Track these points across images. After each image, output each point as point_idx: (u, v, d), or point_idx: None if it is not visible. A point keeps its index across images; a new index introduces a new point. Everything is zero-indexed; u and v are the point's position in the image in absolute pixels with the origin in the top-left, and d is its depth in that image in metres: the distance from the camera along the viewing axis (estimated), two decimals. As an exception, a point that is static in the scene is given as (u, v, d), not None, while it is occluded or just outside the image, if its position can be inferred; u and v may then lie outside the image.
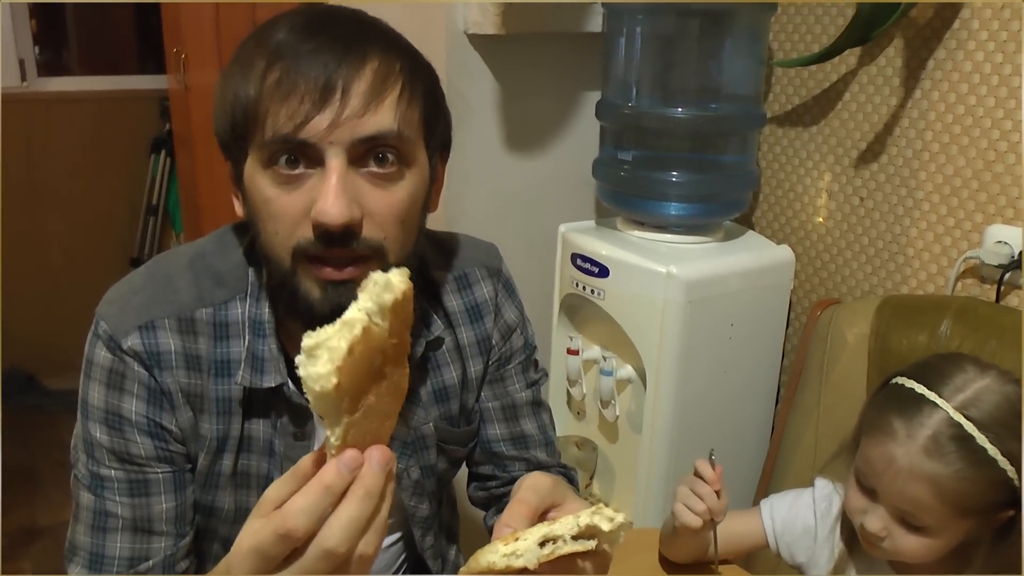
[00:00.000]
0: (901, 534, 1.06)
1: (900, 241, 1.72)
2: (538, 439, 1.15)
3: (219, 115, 0.89)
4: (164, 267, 0.99)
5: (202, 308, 0.95)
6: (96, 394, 0.94)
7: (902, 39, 1.65)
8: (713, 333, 1.69)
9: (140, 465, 0.95)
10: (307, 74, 0.81)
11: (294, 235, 0.84)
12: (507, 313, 1.12)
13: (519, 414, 1.14)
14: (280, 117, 0.82)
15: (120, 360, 0.93)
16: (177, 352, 0.94)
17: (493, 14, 1.72)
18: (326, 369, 0.60)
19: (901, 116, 1.68)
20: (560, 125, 1.98)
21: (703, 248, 1.75)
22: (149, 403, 0.94)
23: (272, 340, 0.96)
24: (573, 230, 1.82)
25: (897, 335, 1.57)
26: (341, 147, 0.82)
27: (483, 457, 1.15)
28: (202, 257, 0.99)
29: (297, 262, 0.86)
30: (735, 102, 1.73)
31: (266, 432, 0.98)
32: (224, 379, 0.95)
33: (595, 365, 1.84)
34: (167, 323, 0.93)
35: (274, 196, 0.85)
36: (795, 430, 1.70)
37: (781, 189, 1.93)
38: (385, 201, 0.85)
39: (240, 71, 0.86)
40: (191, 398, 0.95)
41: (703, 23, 1.66)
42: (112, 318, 0.94)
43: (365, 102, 0.82)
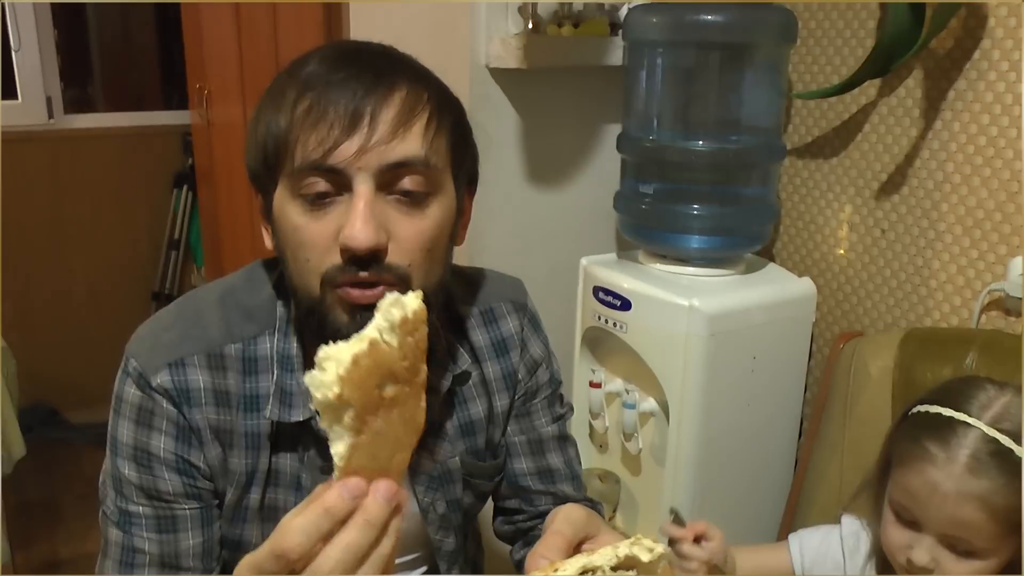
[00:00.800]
0: (951, 562, 1.03)
1: (923, 273, 1.71)
2: (564, 473, 1.15)
3: (251, 148, 0.91)
4: (194, 303, 1.00)
5: (231, 343, 0.96)
6: (125, 431, 0.94)
7: (921, 70, 1.65)
8: (736, 366, 1.68)
9: (168, 502, 0.95)
10: (336, 102, 0.83)
11: (324, 262, 0.85)
12: (533, 348, 1.12)
13: (545, 448, 1.14)
14: (310, 144, 0.83)
15: (149, 397, 0.93)
16: (206, 388, 0.94)
17: (515, 48, 1.74)
18: (330, 377, 0.61)
19: (922, 147, 1.68)
20: (581, 158, 1.99)
21: (725, 281, 1.74)
22: (178, 440, 0.94)
23: (300, 374, 0.96)
24: (595, 263, 1.82)
25: (922, 368, 1.56)
26: (369, 173, 0.83)
27: (509, 491, 1.15)
28: (232, 293, 1.00)
29: (326, 289, 0.86)
30: (756, 134, 1.74)
31: (293, 466, 0.99)
32: (253, 414, 0.96)
33: (617, 398, 1.83)
34: (196, 360, 0.94)
35: (303, 224, 0.86)
36: (819, 464, 1.69)
37: (802, 221, 1.93)
38: (412, 228, 0.86)
39: (271, 103, 0.88)
40: (220, 434, 0.95)
41: (723, 56, 1.67)
42: (142, 356, 0.94)
43: (393, 128, 0.84)
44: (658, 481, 1.76)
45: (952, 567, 1.03)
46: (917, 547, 1.05)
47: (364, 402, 0.62)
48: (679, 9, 1.65)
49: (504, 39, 1.76)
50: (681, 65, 1.71)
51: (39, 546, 2.81)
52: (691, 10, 1.63)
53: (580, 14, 1.83)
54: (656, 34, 1.69)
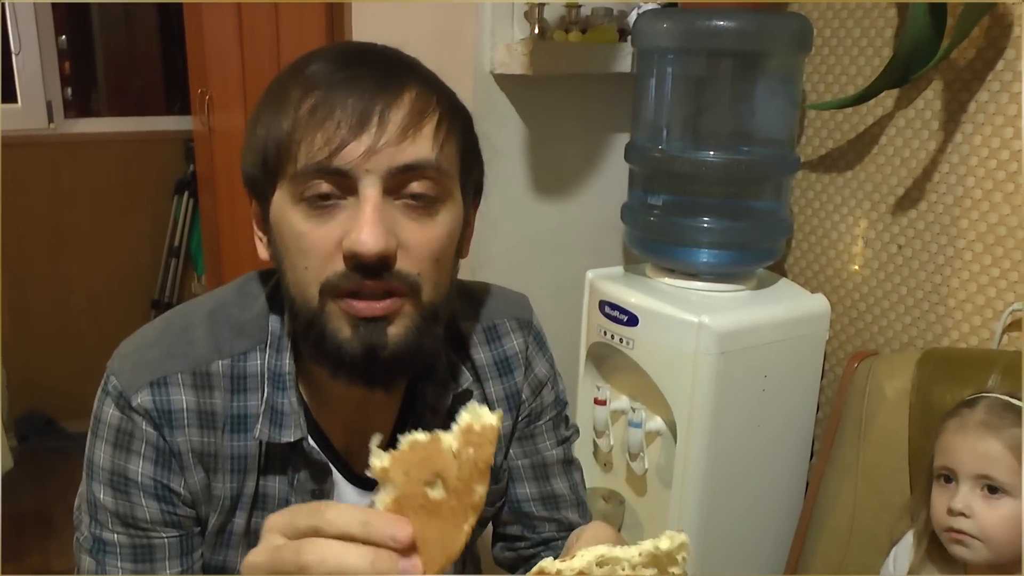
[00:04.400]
0: (983, 508, 1.19)
1: (941, 291, 1.65)
2: (569, 499, 1.10)
3: (249, 152, 0.85)
4: (181, 318, 0.94)
5: (219, 360, 0.90)
6: (102, 454, 0.89)
7: (941, 81, 1.60)
8: (746, 385, 1.63)
9: (145, 530, 0.89)
10: (343, 101, 0.78)
11: (325, 269, 0.80)
12: (538, 367, 1.07)
13: (550, 473, 1.08)
14: (315, 144, 0.78)
15: (129, 419, 0.88)
16: (190, 410, 0.88)
17: (520, 54, 1.69)
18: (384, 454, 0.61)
19: (941, 161, 1.63)
20: (587, 168, 1.94)
21: (735, 297, 1.69)
22: (157, 464, 0.89)
23: (292, 392, 0.91)
24: (601, 277, 1.77)
25: (940, 390, 1.51)
26: (377, 175, 0.78)
27: (511, 517, 1.10)
28: (222, 307, 0.94)
29: (326, 298, 0.81)
30: (769, 146, 1.69)
31: (282, 489, 0.93)
32: (240, 435, 0.90)
33: (623, 416, 1.78)
34: (181, 378, 0.88)
35: (306, 230, 0.80)
36: (832, 487, 1.63)
37: (815, 236, 1.87)
38: (422, 234, 0.81)
39: (272, 104, 0.82)
40: (203, 458, 0.90)
41: (736, 64, 1.62)
42: (123, 374, 0.89)
43: (403, 130, 0.78)
44: (664, 502, 1.70)
45: (985, 511, 1.19)
46: (955, 498, 1.21)
47: (405, 490, 0.61)
48: (690, 15, 1.61)
49: (510, 45, 1.71)
50: (692, 73, 1.66)
51: (31, 557, 2.76)
52: (703, 16, 1.58)
53: (587, 20, 1.79)
54: (666, 41, 1.64)
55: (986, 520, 1.19)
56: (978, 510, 1.19)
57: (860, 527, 1.59)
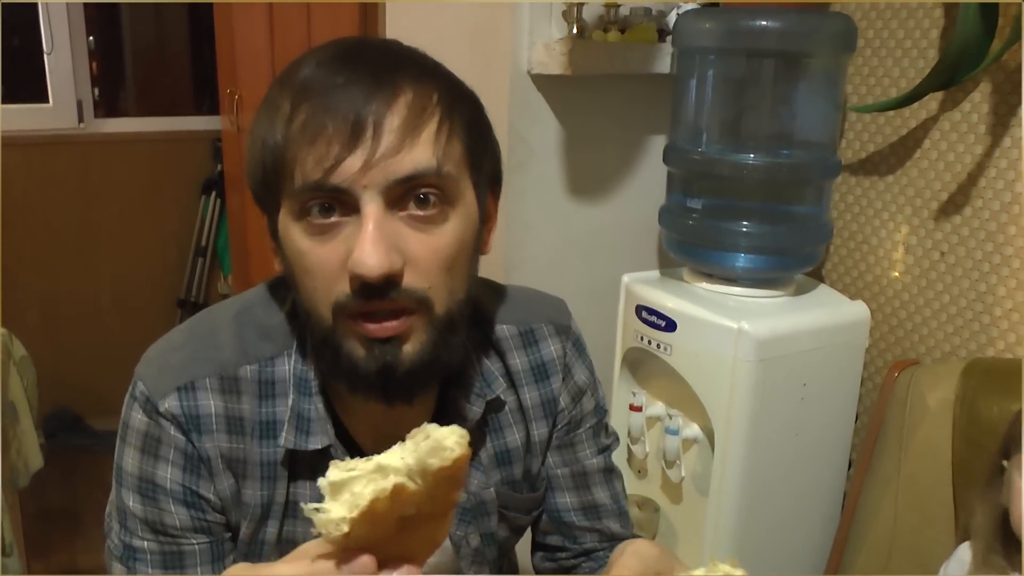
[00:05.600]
0: None
1: (986, 300, 1.61)
2: (611, 509, 1.07)
3: (250, 165, 0.82)
4: (208, 322, 0.92)
5: (246, 365, 0.88)
6: (130, 460, 0.87)
7: (990, 83, 1.56)
8: (785, 393, 1.59)
9: (175, 537, 0.88)
10: (335, 113, 0.74)
11: (333, 290, 0.78)
12: (577, 374, 1.04)
13: (590, 482, 1.06)
14: (308, 163, 0.75)
15: (156, 424, 0.86)
16: (218, 415, 0.87)
17: (559, 54, 1.66)
18: (339, 515, 0.55)
19: (988, 166, 1.59)
20: (624, 170, 1.91)
21: (774, 303, 1.66)
22: (186, 470, 0.87)
23: (318, 399, 0.89)
24: (637, 281, 1.74)
25: (986, 402, 1.47)
26: (376, 190, 0.75)
27: (551, 527, 1.07)
28: (248, 310, 0.92)
29: (338, 319, 0.79)
30: (810, 149, 1.65)
31: (313, 496, 0.91)
32: (268, 441, 0.89)
33: (658, 422, 1.75)
34: (208, 383, 0.87)
35: (308, 249, 0.78)
36: (872, 499, 1.59)
37: (854, 241, 1.84)
38: (428, 246, 0.78)
39: (266, 115, 0.79)
40: (233, 463, 0.88)
41: (778, 65, 1.59)
42: (150, 378, 0.87)
43: (399, 138, 0.75)
44: (700, 511, 1.67)
45: None
46: None
47: (376, 538, 0.56)
48: (732, 15, 1.57)
49: (548, 44, 1.69)
50: (734, 74, 1.63)
51: (58, 555, 2.76)
52: (745, 16, 1.55)
53: (626, 19, 1.76)
54: (708, 41, 1.61)
55: None
56: None
57: (901, 541, 1.56)
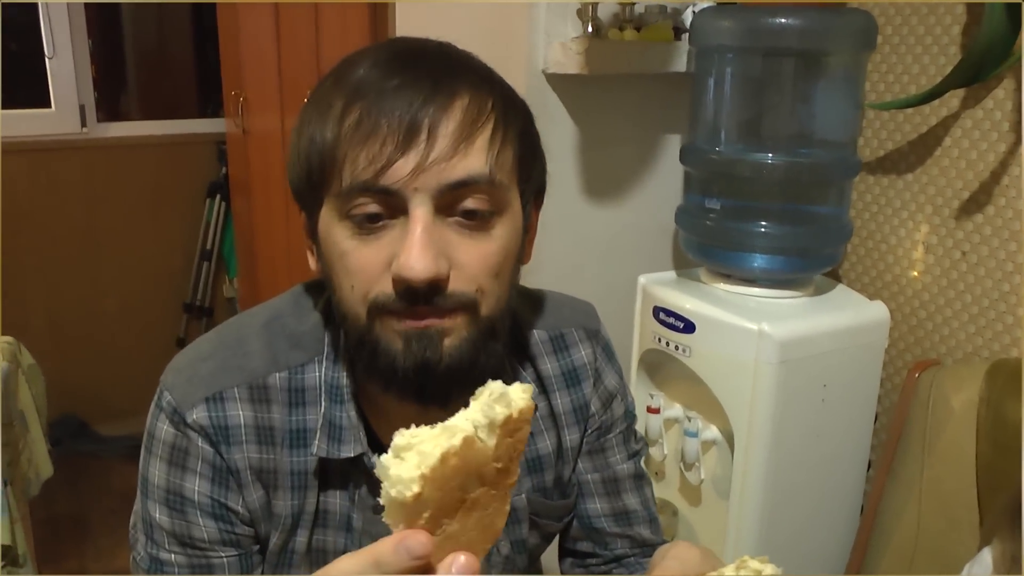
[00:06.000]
0: None
1: (1009, 300, 1.59)
2: (642, 515, 1.05)
3: (293, 162, 0.81)
4: (236, 330, 0.90)
5: (276, 373, 0.86)
6: (157, 472, 0.85)
7: (1013, 80, 1.54)
8: (806, 395, 1.57)
9: (203, 550, 0.86)
10: (390, 114, 0.73)
11: (372, 290, 0.76)
12: (607, 378, 1.02)
13: (621, 488, 1.04)
14: (359, 162, 0.73)
15: (184, 435, 0.84)
16: (248, 425, 0.85)
17: (575, 53, 1.64)
18: (410, 474, 0.53)
19: (1011, 164, 1.57)
20: (641, 170, 1.89)
21: (794, 304, 1.64)
22: (214, 483, 0.85)
23: (351, 406, 0.87)
24: (654, 282, 1.72)
25: (1014, 404, 1.45)
26: (427, 194, 0.73)
27: (582, 533, 1.05)
28: (278, 318, 0.90)
29: (375, 316, 0.77)
30: (830, 148, 1.64)
31: (343, 505, 0.89)
32: (300, 450, 0.87)
33: (676, 424, 1.73)
34: (237, 392, 0.85)
35: (351, 248, 0.76)
36: (895, 503, 1.58)
37: (872, 240, 1.82)
38: (476, 252, 0.77)
39: (317, 112, 0.78)
40: (263, 475, 0.86)
41: (798, 63, 1.57)
42: (178, 389, 0.85)
43: (454, 144, 0.74)
44: (720, 514, 1.65)
45: None
46: None
47: (443, 504, 0.54)
48: (751, 12, 1.55)
49: (564, 44, 1.67)
50: (752, 73, 1.61)
51: (67, 562, 2.74)
52: (764, 13, 1.53)
53: (642, 18, 1.74)
54: (726, 39, 1.60)
55: None
56: None
57: (925, 544, 1.54)
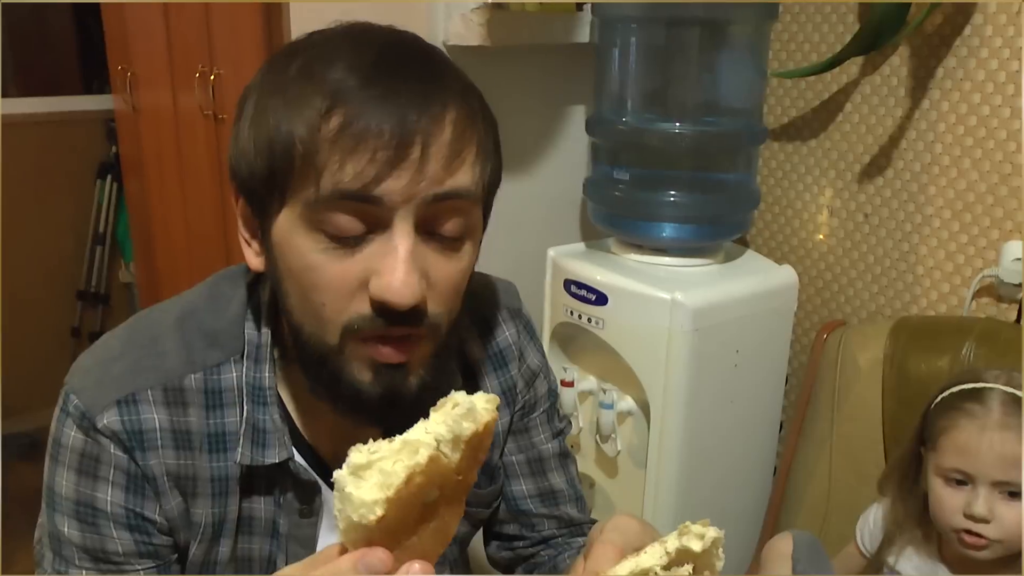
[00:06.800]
0: (1006, 508, 1.15)
1: (909, 259, 1.64)
2: (568, 494, 1.04)
3: (247, 150, 0.73)
4: (147, 327, 0.84)
5: (191, 374, 0.81)
6: (65, 482, 0.79)
7: (908, 47, 1.57)
8: (719, 361, 1.59)
9: (117, 564, 0.80)
10: (379, 125, 0.67)
11: (346, 310, 0.71)
12: (530, 357, 1.01)
13: (546, 467, 1.02)
14: (345, 172, 0.67)
15: (94, 442, 0.78)
16: (163, 429, 0.80)
17: (476, 24, 1.61)
18: (372, 496, 0.50)
19: (908, 128, 1.61)
20: (547, 143, 1.87)
21: (705, 272, 1.65)
22: (128, 491, 0.79)
23: (274, 408, 0.82)
24: (564, 254, 1.71)
25: (915, 360, 1.50)
26: (410, 209, 0.69)
27: (508, 516, 1.04)
28: (192, 314, 0.84)
29: (347, 341, 0.72)
30: (736, 116, 1.65)
31: (268, 510, 0.85)
32: (219, 455, 0.82)
33: (590, 396, 1.73)
34: (151, 395, 0.79)
35: (320, 264, 0.70)
36: (807, 460, 1.61)
37: (778, 206, 1.85)
38: (448, 271, 0.73)
39: (284, 104, 0.70)
40: (180, 481, 0.81)
41: (702, 33, 1.57)
42: (86, 392, 0.79)
43: (447, 159, 0.69)
44: (637, 484, 1.67)
45: (1007, 513, 1.15)
46: (974, 502, 1.16)
47: (403, 523, 0.52)
48: (654, -18, 1.55)
49: (464, 15, 1.63)
50: (656, 43, 1.60)
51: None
52: (667, -17, 1.52)
53: (544, -12, 1.71)
54: (629, 9, 1.59)
55: (1009, 522, 1.15)
56: (1001, 514, 1.15)
57: (837, 500, 1.58)
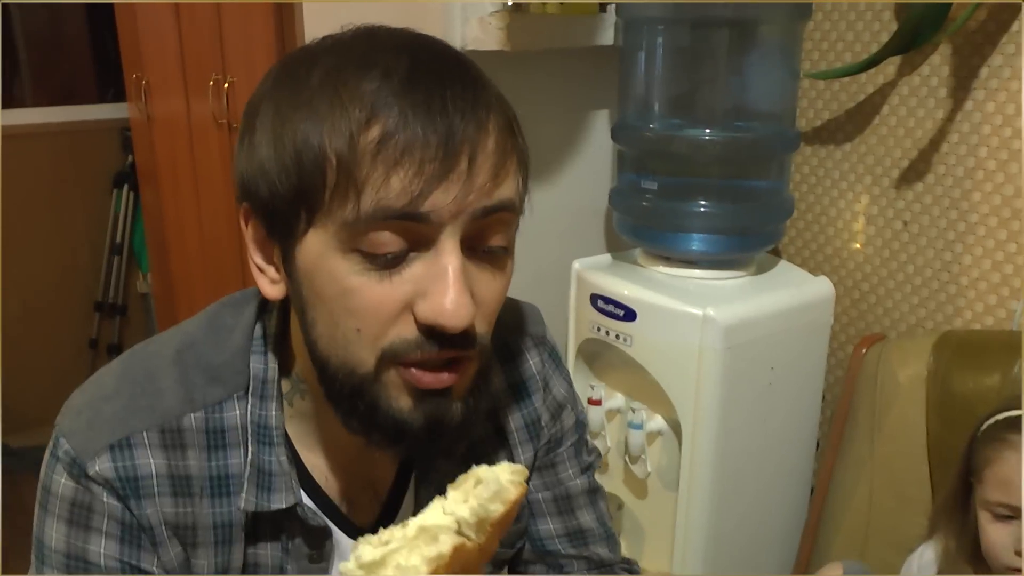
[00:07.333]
0: None
1: (952, 269, 1.56)
2: (598, 533, 0.97)
3: (270, 169, 0.66)
4: (143, 363, 0.78)
5: (191, 413, 0.75)
6: (55, 533, 0.73)
7: (950, 45, 1.49)
8: (752, 379, 1.52)
9: None
10: (425, 136, 0.62)
11: (387, 334, 0.66)
12: (556, 387, 0.94)
13: (574, 505, 0.96)
14: (391, 187, 0.62)
15: (86, 490, 0.72)
16: (160, 475, 0.73)
17: (496, 28, 1.54)
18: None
19: (950, 131, 1.52)
20: (570, 150, 1.81)
21: (736, 285, 1.58)
22: (123, 543, 0.73)
23: (281, 449, 0.76)
24: (590, 267, 1.64)
25: (961, 377, 1.42)
26: (458, 225, 0.64)
27: (534, 556, 0.97)
28: (191, 347, 0.78)
29: (386, 366, 0.67)
30: (768, 121, 1.57)
31: (275, 556, 0.79)
32: (222, 499, 0.76)
33: (618, 415, 1.66)
34: (147, 437, 0.73)
35: (360, 286, 0.65)
36: (846, 481, 1.54)
37: (811, 214, 1.77)
38: (493, 289, 0.69)
39: (312, 113, 0.64)
40: (180, 530, 0.75)
41: (731, 34, 1.49)
42: (77, 435, 0.73)
43: (495, 168, 0.65)
44: (667, 505, 1.60)
45: None
46: None
47: None
48: (681, -19, 1.47)
49: (483, 19, 1.57)
50: (684, 45, 1.53)
51: (-27, 589, 2.57)
52: (695, -18, 1.45)
53: (565, -11, 1.64)
54: (655, 10, 1.51)
55: None
56: None
57: (878, 523, 1.50)
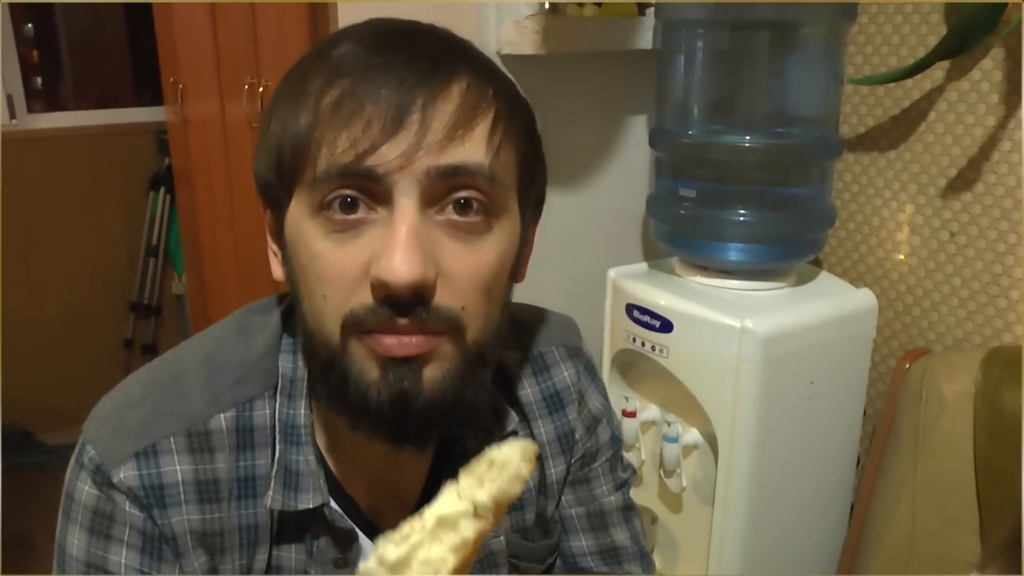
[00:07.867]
0: None
1: (1002, 282, 1.50)
2: (631, 551, 0.94)
3: (261, 150, 0.70)
4: (171, 367, 0.77)
5: (220, 413, 0.73)
6: (76, 541, 0.72)
7: (1002, 48, 1.44)
8: (792, 392, 1.48)
9: None
10: (376, 93, 0.62)
11: (348, 301, 0.64)
12: (591, 401, 0.91)
13: (608, 522, 0.93)
14: (339, 145, 0.62)
15: (108, 499, 0.71)
16: (187, 482, 0.72)
17: (531, 32, 1.52)
18: None
19: (1001, 138, 1.47)
20: (606, 156, 1.77)
21: (776, 296, 1.53)
22: (144, 553, 0.72)
23: (309, 449, 0.74)
24: (625, 276, 1.61)
25: (1012, 394, 1.36)
26: (414, 179, 0.62)
27: (566, 573, 0.94)
28: (220, 350, 0.77)
29: (348, 335, 0.65)
30: (810, 127, 1.53)
31: (299, 559, 0.77)
32: (248, 500, 0.74)
33: (652, 427, 1.63)
34: (173, 443, 0.72)
35: (325, 250, 0.64)
36: (888, 499, 1.49)
37: (854, 222, 1.72)
38: (468, 260, 0.66)
39: (290, 94, 0.67)
40: (207, 537, 0.73)
41: (773, 36, 1.45)
42: (102, 442, 0.72)
43: (451, 129, 0.63)
44: (703, 521, 1.56)
45: None
46: None
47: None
48: (722, -17, 1.44)
49: (518, 22, 1.54)
50: (724, 48, 1.49)
51: (11, 584, 2.58)
52: (736, -16, 1.42)
53: (603, -8, 1.61)
54: (695, 12, 1.48)
55: None
56: None
57: (922, 544, 1.45)
